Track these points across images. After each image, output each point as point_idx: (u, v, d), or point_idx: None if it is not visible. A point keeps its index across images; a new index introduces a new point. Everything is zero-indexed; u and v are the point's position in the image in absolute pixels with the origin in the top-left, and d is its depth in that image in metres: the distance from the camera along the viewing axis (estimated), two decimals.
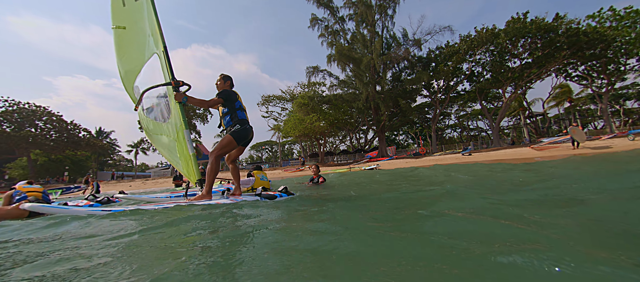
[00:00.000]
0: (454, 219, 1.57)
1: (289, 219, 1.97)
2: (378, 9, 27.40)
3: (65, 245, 1.50)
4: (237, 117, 3.26)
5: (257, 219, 1.94)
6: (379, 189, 3.39)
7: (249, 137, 3.34)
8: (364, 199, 2.62)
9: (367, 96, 27.21)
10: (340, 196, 3.32)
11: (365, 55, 26.61)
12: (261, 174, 4.80)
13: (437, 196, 2.49)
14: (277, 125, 37.47)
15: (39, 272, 1.05)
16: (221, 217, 2.02)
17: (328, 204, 2.57)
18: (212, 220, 1.94)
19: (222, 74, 3.56)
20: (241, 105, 3.37)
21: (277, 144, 54.98)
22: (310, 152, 43.04)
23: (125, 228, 1.84)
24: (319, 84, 33.54)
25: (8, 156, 34.88)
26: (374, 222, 1.60)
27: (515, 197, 2.28)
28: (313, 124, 26.23)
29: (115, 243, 1.45)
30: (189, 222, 1.91)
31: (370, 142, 42.63)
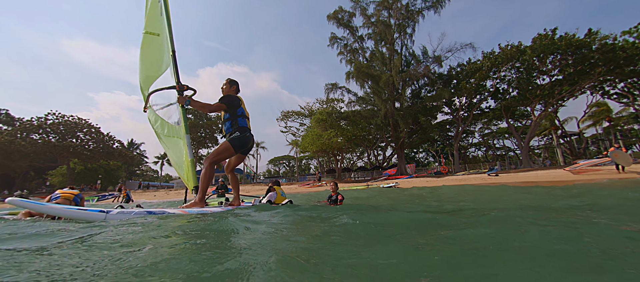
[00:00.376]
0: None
1: (286, 229, 1.79)
2: (397, 28, 27.74)
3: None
4: (238, 124, 3.18)
5: (245, 230, 1.72)
6: (411, 213, 2.71)
7: (248, 145, 3.23)
8: (388, 216, 2.31)
9: (386, 113, 27.01)
10: (353, 209, 3.06)
11: (384, 73, 26.72)
12: (280, 189, 4.84)
13: (482, 223, 1.90)
14: (295, 141, 38.01)
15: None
16: (206, 227, 1.80)
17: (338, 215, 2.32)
18: (193, 230, 1.71)
19: (229, 79, 3.48)
20: (243, 112, 3.27)
21: (294, 158, 55.46)
22: (327, 167, 42.87)
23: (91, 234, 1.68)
24: (337, 101, 33.95)
25: (51, 164, 38.16)
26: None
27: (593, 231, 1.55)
28: (331, 139, 26.31)
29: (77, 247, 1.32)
30: (167, 232, 1.69)
31: (388, 159, 41.77)
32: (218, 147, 3.12)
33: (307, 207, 3.32)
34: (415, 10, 27.73)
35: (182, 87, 3.25)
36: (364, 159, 48.92)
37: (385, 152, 42.63)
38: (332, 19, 29.13)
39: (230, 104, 3.18)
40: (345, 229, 1.75)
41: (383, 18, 28.14)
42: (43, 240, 1.49)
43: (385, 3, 27.84)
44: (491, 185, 8.99)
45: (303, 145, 29.80)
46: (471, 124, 34.59)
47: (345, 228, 1.77)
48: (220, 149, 3.09)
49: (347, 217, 1.99)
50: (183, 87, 3.26)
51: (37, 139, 34.00)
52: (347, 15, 29.32)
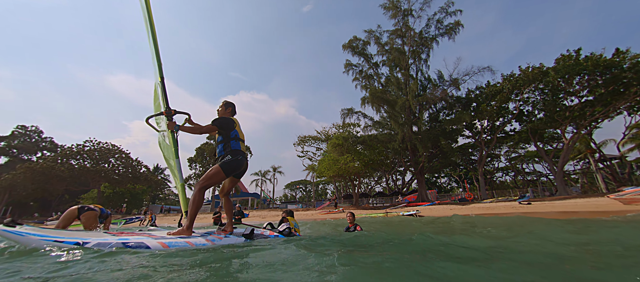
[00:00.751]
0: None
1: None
2: (411, 55, 28.22)
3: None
4: (230, 147, 3.08)
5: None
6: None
7: (241, 169, 3.11)
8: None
9: (403, 137, 26.60)
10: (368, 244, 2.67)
11: (400, 97, 26.78)
12: (294, 221, 4.75)
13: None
14: (312, 165, 38.06)
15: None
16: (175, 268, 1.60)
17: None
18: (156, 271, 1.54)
19: (225, 101, 3.45)
20: (237, 134, 3.18)
21: (311, 183, 55.08)
22: (344, 192, 42.01)
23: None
24: (353, 125, 34.12)
25: (84, 187, 40.71)
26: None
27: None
28: (347, 164, 26.08)
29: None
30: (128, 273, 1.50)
31: (408, 184, 40.26)
32: (208, 172, 2.97)
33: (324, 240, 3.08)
34: (429, 37, 28.27)
35: (170, 111, 3.11)
36: (382, 184, 47.54)
37: (404, 177, 41.28)
38: (348, 48, 30.32)
39: (223, 126, 3.10)
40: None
41: (397, 46, 28.86)
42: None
43: (399, 32, 28.71)
44: (526, 215, 7.97)
45: (319, 170, 29.72)
46: (495, 147, 32.97)
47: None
48: (210, 173, 2.95)
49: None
50: (171, 111, 3.12)
51: (74, 164, 36.82)
52: (361, 44, 30.43)
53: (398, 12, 28.77)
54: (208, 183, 2.91)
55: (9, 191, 35.17)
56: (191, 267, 1.66)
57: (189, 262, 1.78)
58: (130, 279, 1.38)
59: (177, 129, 3.08)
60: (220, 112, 3.41)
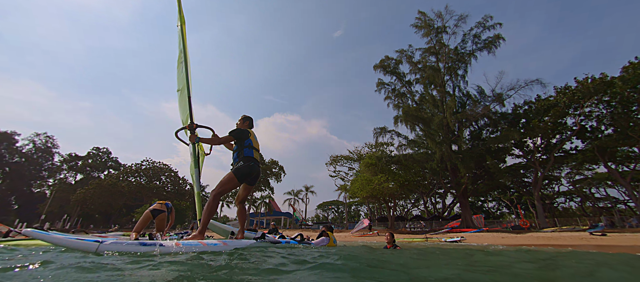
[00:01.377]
0: None
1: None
2: (447, 71, 27.21)
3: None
4: (243, 154, 3.20)
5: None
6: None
7: (252, 174, 3.18)
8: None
9: (442, 156, 25.02)
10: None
11: (437, 115, 25.61)
12: (333, 237, 4.69)
13: None
14: (344, 186, 37.49)
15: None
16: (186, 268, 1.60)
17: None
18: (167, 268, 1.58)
19: (244, 116, 3.67)
20: (251, 143, 3.31)
21: (343, 204, 53.95)
22: (378, 215, 40.17)
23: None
24: (386, 144, 33.24)
25: (138, 203, 45.37)
26: None
27: None
28: (381, 184, 25.17)
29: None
30: (146, 266, 1.59)
31: (449, 208, 37.10)
32: (222, 179, 3.08)
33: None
34: (466, 53, 27.15)
35: (192, 126, 3.33)
36: (419, 207, 44.54)
37: (445, 200, 38.19)
38: (379, 68, 30.44)
39: (238, 136, 3.28)
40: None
41: (430, 63, 28.17)
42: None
43: (432, 49, 28.13)
44: (611, 251, 5.82)
45: (352, 190, 29.11)
46: (554, 168, 29.06)
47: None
48: (224, 180, 3.06)
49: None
50: (193, 126, 3.34)
51: (133, 181, 41.56)
52: (393, 63, 30.35)
53: (431, 31, 28.40)
54: (222, 189, 3.01)
55: (81, 204, 40.74)
56: (201, 264, 1.75)
57: (198, 260, 1.87)
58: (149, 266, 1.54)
59: (197, 140, 3.27)
60: (239, 125, 3.63)
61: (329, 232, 4.48)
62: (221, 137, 3.30)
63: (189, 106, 3.51)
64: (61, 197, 42.94)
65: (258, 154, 3.39)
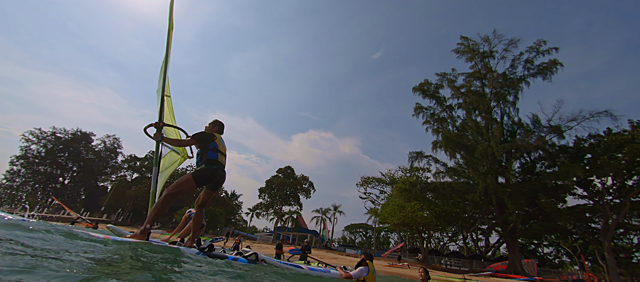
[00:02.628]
0: None
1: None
2: (494, 97, 25.39)
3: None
4: (206, 157, 3.04)
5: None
6: None
7: (214, 178, 3.02)
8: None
9: (486, 188, 22.81)
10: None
11: (481, 143, 23.73)
12: (372, 266, 4.14)
13: None
14: (374, 209, 36.10)
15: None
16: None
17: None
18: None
19: (214, 120, 3.51)
20: (216, 146, 3.12)
21: (372, 229, 51.65)
22: (410, 245, 37.44)
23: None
24: (422, 170, 31.52)
25: (179, 204, 49.17)
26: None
27: None
28: (415, 212, 23.70)
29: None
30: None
31: (493, 247, 33.06)
32: (179, 179, 2.92)
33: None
34: (516, 79, 25.17)
35: (159, 124, 3.29)
36: (458, 242, 40.54)
37: (489, 238, 34.20)
38: (418, 91, 29.67)
39: (201, 139, 3.11)
40: None
41: (475, 88, 26.64)
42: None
43: (477, 74, 26.67)
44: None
45: (383, 215, 27.87)
46: (632, 216, 24.37)
47: None
48: (181, 180, 2.90)
49: None
50: (160, 124, 3.30)
51: None
52: (433, 87, 29.37)
53: (475, 55, 27.12)
54: (175, 190, 2.85)
55: (133, 200, 45.57)
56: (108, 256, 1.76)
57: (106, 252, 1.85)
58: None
59: (160, 139, 3.23)
60: (207, 128, 3.46)
61: (369, 261, 4.08)
62: (183, 140, 3.29)
63: (160, 106, 3.51)
64: (118, 193, 48.67)
65: (224, 159, 3.23)
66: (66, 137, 51.70)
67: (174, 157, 4.39)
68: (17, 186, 47.78)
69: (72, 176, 53.32)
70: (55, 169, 50.92)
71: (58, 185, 51.60)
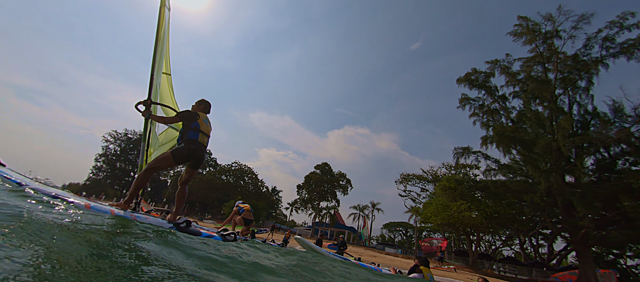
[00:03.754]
0: None
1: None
2: (560, 83, 22.07)
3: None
4: (187, 136, 3.06)
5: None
6: None
7: (194, 157, 3.04)
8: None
9: (549, 188, 20.07)
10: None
11: (543, 136, 20.92)
12: (429, 273, 3.78)
13: None
14: (416, 208, 34.55)
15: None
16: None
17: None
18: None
19: (200, 99, 3.50)
20: (198, 126, 3.11)
21: (413, 228, 49.64)
22: (456, 247, 35.01)
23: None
24: (470, 167, 29.07)
25: (226, 197, 53.46)
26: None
27: None
28: (461, 213, 22.05)
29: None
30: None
31: (559, 255, 29.08)
32: (159, 155, 3.04)
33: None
34: (591, 61, 21.47)
35: (146, 102, 3.35)
36: (514, 248, 36.63)
37: (552, 244, 30.14)
38: (464, 82, 27.29)
39: (185, 117, 3.14)
40: None
41: (536, 74, 23.49)
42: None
43: (538, 58, 23.43)
44: None
45: (425, 214, 26.54)
46: None
47: None
48: (160, 157, 3.01)
49: None
50: (148, 102, 3.36)
51: (224, 179, 49.46)
52: (482, 76, 26.70)
53: (536, 37, 23.79)
54: (155, 165, 2.97)
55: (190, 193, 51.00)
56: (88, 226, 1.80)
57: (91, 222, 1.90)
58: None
59: (148, 116, 3.32)
60: (194, 107, 3.48)
61: (425, 267, 3.74)
62: (169, 118, 3.37)
63: (150, 84, 3.50)
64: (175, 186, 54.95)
65: (205, 139, 3.24)
66: (135, 137, 60.02)
67: (173, 134, 4.51)
68: (100, 179, 57.21)
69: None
70: (128, 164, 59.55)
71: (130, 179, 60.25)
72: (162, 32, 3.64)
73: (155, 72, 3.46)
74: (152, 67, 3.46)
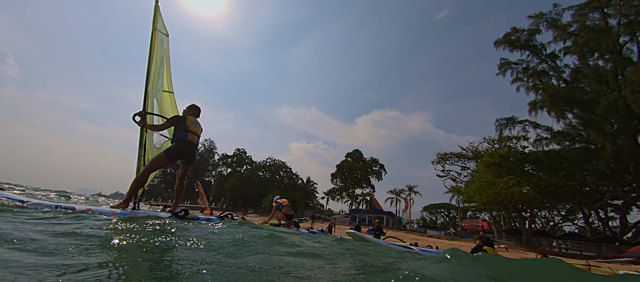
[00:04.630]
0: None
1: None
2: (625, 29, 18.70)
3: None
4: (176, 137, 3.43)
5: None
6: None
7: (185, 154, 3.41)
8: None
9: (617, 153, 17.45)
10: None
11: (605, 95, 18.13)
12: (494, 254, 3.57)
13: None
14: (457, 187, 32.72)
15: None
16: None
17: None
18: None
19: (190, 105, 3.86)
20: (186, 127, 3.46)
21: (456, 208, 47.34)
22: (506, 225, 32.62)
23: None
24: (517, 138, 26.42)
25: (265, 192, 56.28)
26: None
27: None
28: (510, 189, 20.33)
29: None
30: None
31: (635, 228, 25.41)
32: (155, 156, 3.41)
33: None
34: None
35: (142, 113, 3.62)
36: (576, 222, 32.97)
37: (626, 217, 26.38)
38: (503, 44, 24.60)
39: (175, 122, 3.50)
40: None
41: (592, 22, 20.22)
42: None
43: (595, 3, 20.04)
44: None
45: (467, 193, 25.02)
46: None
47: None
48: (156, 157, 3.39)
49: None
50: (143, 113, 3.63)
51: (261, 175, 51.98)
52: (525, 35, 23.76)
53: None
54: (152, 166, 3.34)
55: (230, 191, 54.70)
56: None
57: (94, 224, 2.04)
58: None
59: (143, 125, 3.58)
60: (185, 112, 3.87)
61: (489, 247, 3.41)
62: (161, 125, 3.68)
63: (144, 98, 3.81)
64: (218, 185, 59.30)
65: (195, 137, 3.60)
66: None
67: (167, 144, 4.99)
68: (155, 184, 64.14)
69: (188, 174, 68.01)
70: (175, 169, 65.77)
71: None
72: (155, 53, 4.07)
73: (150, 88, 3.89)
74: (146, 82, 3.86)
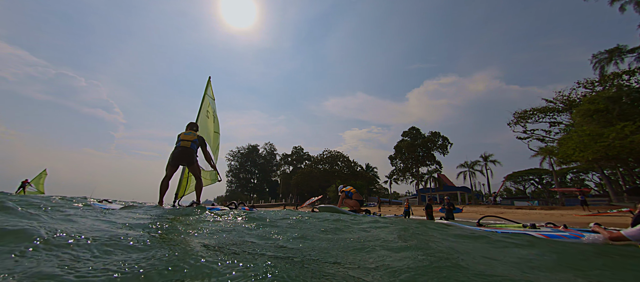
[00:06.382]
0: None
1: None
2: None
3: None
4: (174, 147, 4.56)
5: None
6: None
7: (177, 157, 4.37)
8: None
9: None
10: None
11: None
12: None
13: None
14: (548, 148, 27.52)
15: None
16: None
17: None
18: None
19: (189, 123, 5.01)
20: (179, 138, 4.57)
21: (550, 172, 40.21)
22: (628, 184, 26.04)
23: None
24: (629, 73, 20.57)
25: (327, 183, 58.24)
26: None
27: None
28: (627, 138, 16.10)
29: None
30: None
31: None
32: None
33: None
34: None
35: (213, 164, 5.37)
36: None
37: None
38: None
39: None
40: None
41: None
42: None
43: None
44: None
45: (564, 152, 20.86)
46: None
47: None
48: (166, 167, 4.51)
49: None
50: (213, 164, 5.38)
51: (320, 168, 53.91)
52: None
53: None
54: (166, 174, 4.38)
55: (295, 187, 58.52)
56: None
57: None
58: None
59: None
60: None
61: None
62: (205, 155, 4.93)
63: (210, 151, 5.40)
64: (284, 183, 64.12)
65: (186, 143, 4.46)
66: (245, 151, 73.30)
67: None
68: (234, 189, 73.44)
69: (257, 176, 75.35)
70: (247, 174, 73.76)
71: (251, 184, 74.50)
72: (205, 108, 5.85)
73: (201, 127, 5.56)
74: (210, 138, 5.91)
